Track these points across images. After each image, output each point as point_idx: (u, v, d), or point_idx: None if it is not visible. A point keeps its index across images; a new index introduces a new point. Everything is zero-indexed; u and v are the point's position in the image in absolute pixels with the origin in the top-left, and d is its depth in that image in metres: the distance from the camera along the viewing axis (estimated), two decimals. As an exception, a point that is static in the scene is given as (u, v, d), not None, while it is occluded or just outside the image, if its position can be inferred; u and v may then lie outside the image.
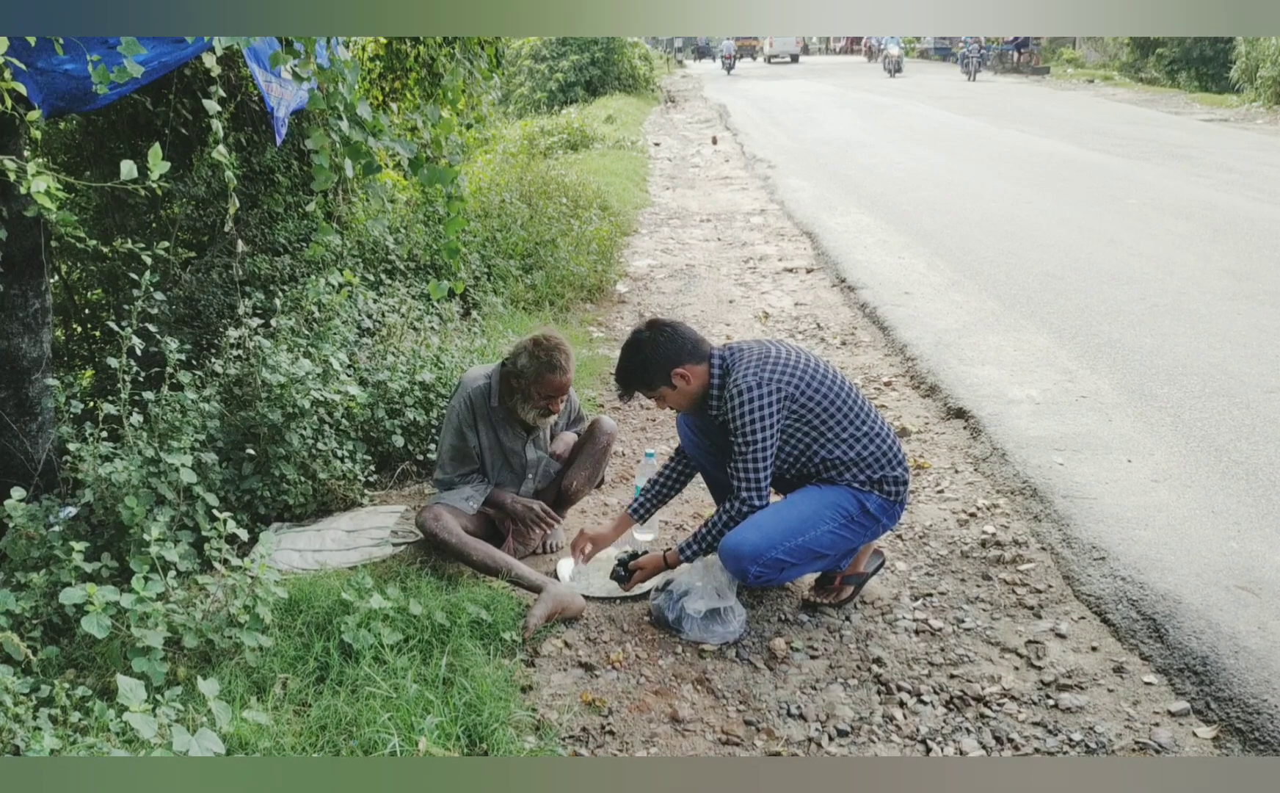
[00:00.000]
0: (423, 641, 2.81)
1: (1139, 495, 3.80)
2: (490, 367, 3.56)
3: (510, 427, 3.50)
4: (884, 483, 3.04)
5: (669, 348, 3.03)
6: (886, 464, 3.03)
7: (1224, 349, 5.32)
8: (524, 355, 3.33)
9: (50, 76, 3.64)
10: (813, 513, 2.98)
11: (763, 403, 2.89)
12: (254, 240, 5.97)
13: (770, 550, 2.93)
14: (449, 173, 3.63)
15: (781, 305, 7.00)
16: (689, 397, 3.08)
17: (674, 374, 3.03)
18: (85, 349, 6.69)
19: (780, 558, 2.95)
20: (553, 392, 3.34)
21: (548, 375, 3.29)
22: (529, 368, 3.31)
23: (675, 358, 3.03)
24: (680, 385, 3.05)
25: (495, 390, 3.44)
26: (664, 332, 3.07)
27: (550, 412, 3.41)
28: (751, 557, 2.93)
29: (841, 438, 3.00)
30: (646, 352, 3.05)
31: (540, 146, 13.58)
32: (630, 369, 3.11)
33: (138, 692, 2.10)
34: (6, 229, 3.70)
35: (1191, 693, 2.69)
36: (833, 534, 2.99)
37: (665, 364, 3.03)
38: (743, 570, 2.97)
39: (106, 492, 3.19)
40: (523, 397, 3.37)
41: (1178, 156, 12.35)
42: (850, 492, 3.02)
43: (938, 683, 2.79)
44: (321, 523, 3.77)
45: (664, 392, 3.08)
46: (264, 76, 4.79)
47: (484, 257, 6.94)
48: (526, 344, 3.35)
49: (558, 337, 3.38)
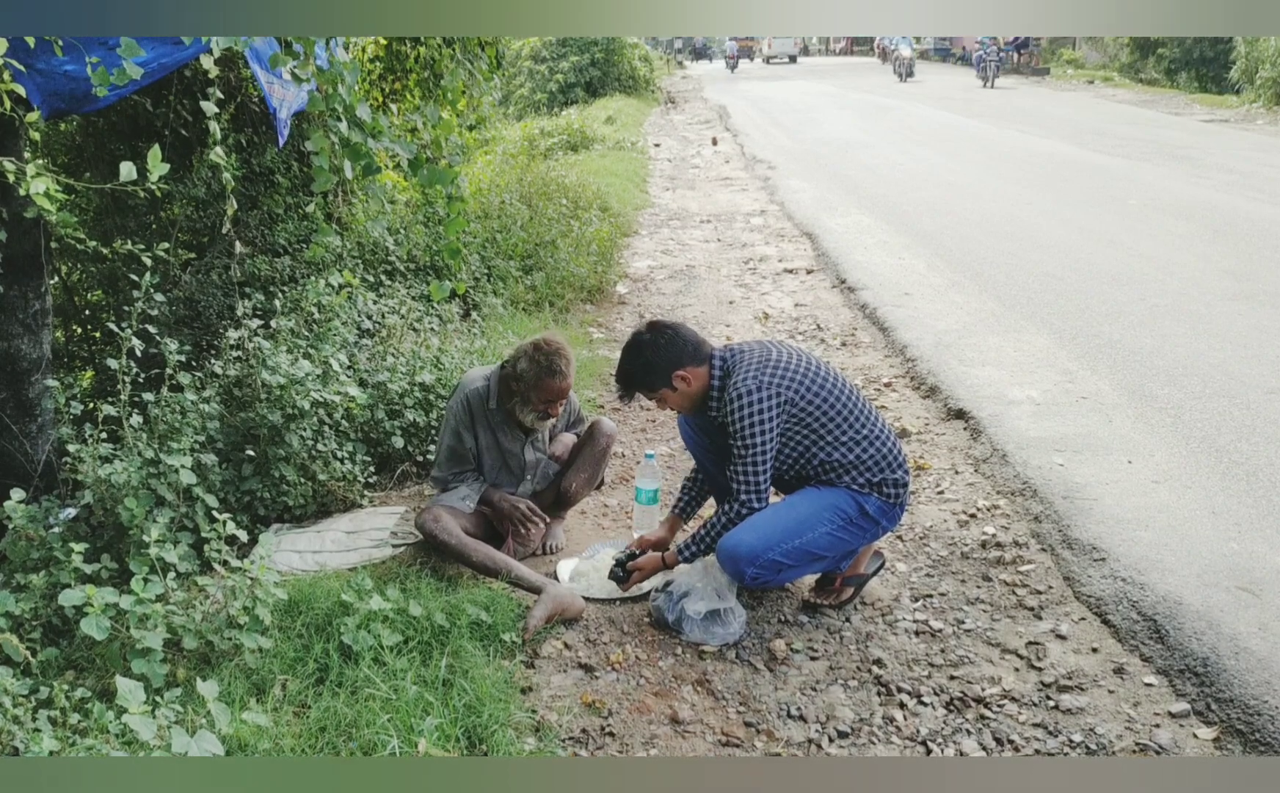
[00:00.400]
0: (422, 642, 2.80)
1: (1139, 496, 3.79)
2: (489, 368, 3.56)
3: (509, 428, 3.50)
4: (884, 485, 3.03)
5: (670, 350, 3.03)
6: (886, 467, 3.03)
7: (1224, 350, 5.32)
8: (524, 359, 3.33)
9: (50, 78, 3.64)
10: (811, 515, 2.97)
11: (762, 406, 2.89)
12: (254, 241, 5.97)
13: (767, 552, 2.93)
14: (449, 174, 3.62)
15: (781, 306, 7.00)
16: (690, 398, 3.08)
17: (675, 376, 3.03)
18: (85, 350, 6.69)
19: (777, 560, 2.95)
20: (552, 397, 3.34)
21: (547, 380, 3.30)
22: (529, 372, 3.31)
23: (676, 360, 3.03)
24: (681, 387, 3.05)
25: (494, 392, 3.45)
26: (665, 334, 3.06)
27: (549, 416, 3.42)
28: (748, 558, 2.93)
29: (841, 441, 2.99)
30: (647, 354, 3.05)
31: (540, 148, 13.58)
32: (631, 371, 3.10)
33: (137, 694, 2.09)
34: (6, 230, 3.71)
35: (1192, 694, 2.69)
36: (831, 537, 2.99)
37: (666, 367, 3.03)
38: (739, 572, 2.97)
39: (106, 493, 3.19)
40: (522, 400, 3.37)
41: (1178, 157, 12.35)
42: (849, 494, 3.01)
43: (938, 684, 2.79)
44: (321, 524, 3.77)
45: (665, 393, 3.08)
46: (266, 78, 4.79)
47: (484, 258, 6.93)
48: (527, 348, 3.35)
49: (558, 341, 3.38)
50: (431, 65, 6.62)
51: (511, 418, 3.47)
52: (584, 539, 3.73)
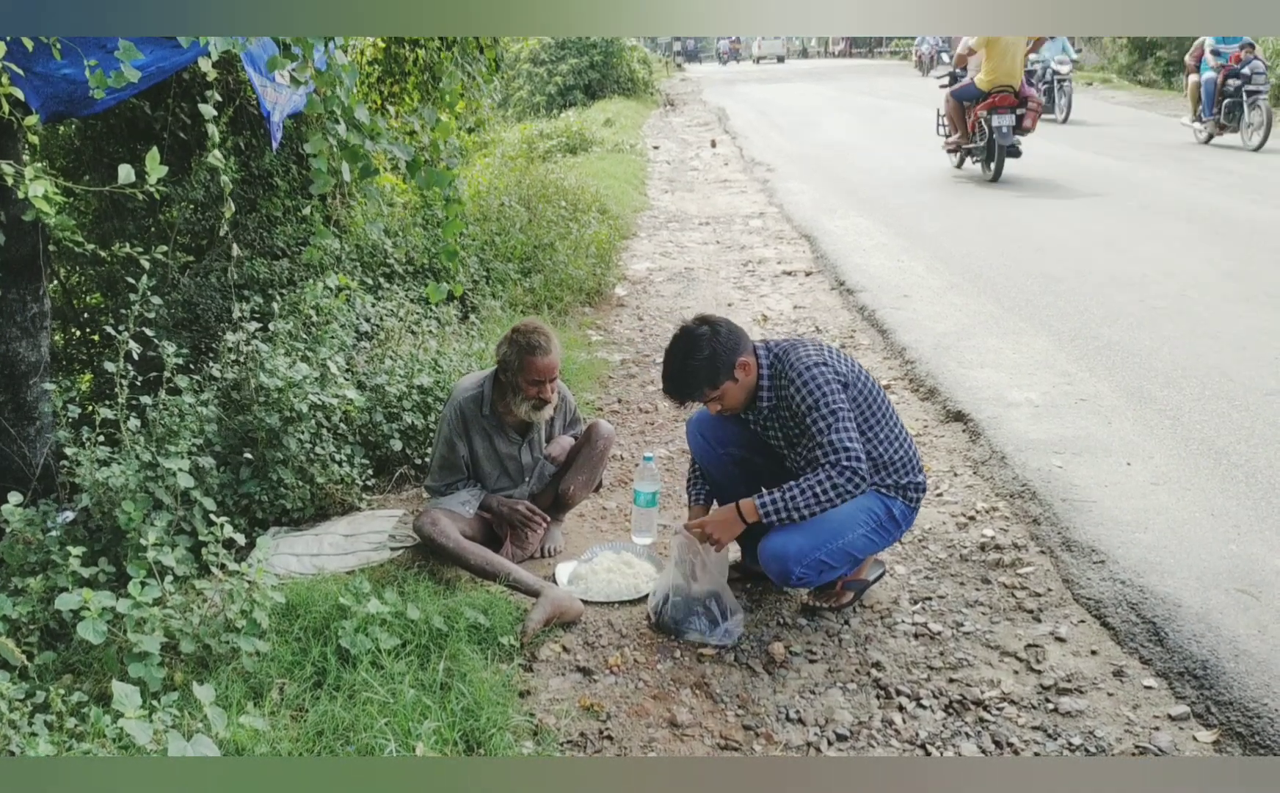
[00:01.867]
0: (420, 645, 2.80)
1: (1138, 498, 3.79)
2: (481, 374, 3.56)
3: (504, 432, 3.51)
4: (908, 490, 3.06)
5: (731, 338, 2.97)
6: (911, 470, 3.06)
7: (1223, 352, 5.31)
8: (504, 345, 3.37)
9: (48, 81, 3.64)
10: (849, 516, 2.98)
11: (828, 376, 2.90)
12: (252, 244, 5.97)
13: (815, 552, 2.93)
14: (446, 176, 3.62)
15: (780, 308, 6.99)
16: (747, 390, 3.01)
17: (738, 365, 2.96)
18: (83, 353, 6.68)
19: (823, 560, 2.95)
20: (538, 376, 3.32)
21: (529, 359, 3.30)
22: (511, 356, 3.33)
23: (737, 347, 2.97)
24: (741, 377, 2.98)
25: (488, 397, 3.45)
26: (720, 324, 3.00)
27: (543, 400, 3.39)
28: (796, 558, 2.92)
29: (879, 437, 3.02)
30: (711, 346, 2.94)
31: (539, 150, 13.58)
32: (695, 369, 2.95)
33: (133, 698, 2.09)
34: (5, 234, 3.70)
35: (1192, 697, 2.68)
36: (866, 538, 3.02)
37: (730, 355, 2.95)
38: (786, 571, 2.94)
39: (104, 496, 3.18)
40: (514, 392, 3.39)
41: (1177, 159, 12.35)
42: (879, 497, 3.04)
43: (937, 687, 2.78)
44: (319, 527, 3.77)
45: (726, 388, 2.98)
46: (260, 81, 4.79)
47: (483, 260, 6.93)
48: (507, 336, 3.38)
49: (534, 321, 3.40)
50: (430, 68, 6.62)
51: (508, 418, 3.47)
52: (582, 542, 3.72)
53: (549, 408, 3.46)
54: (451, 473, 3.52)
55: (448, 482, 3.52)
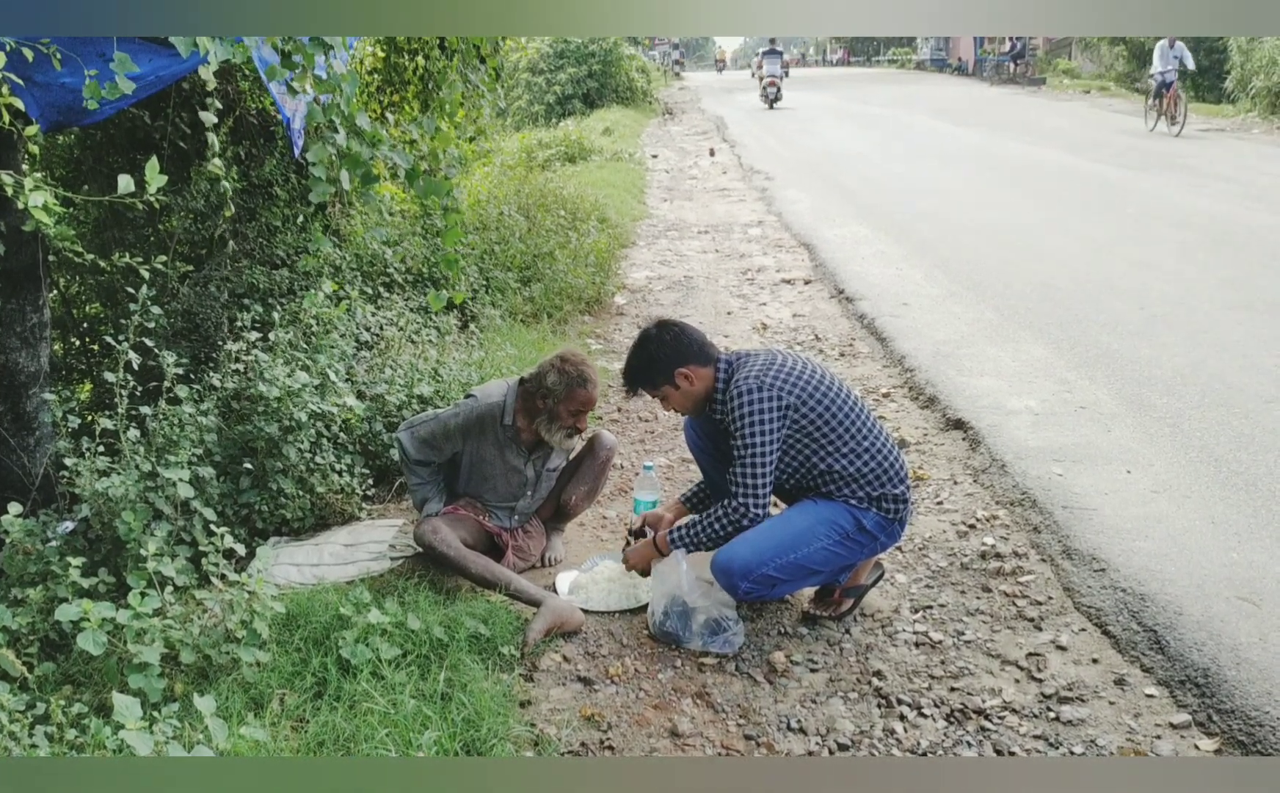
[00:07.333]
0: (421, 655, 2.79)
1: (1139, 506, 3.79)
2: (504, 383, 3.54)
3: (515, 445, 3.50)
4: (883, 500, 3.01)
5: (674, 347, 3.06)
6: (887, 481, 3.01)
7: (1223, 359, 5.32)
8: (551, 374, 3.33)
9: (48, 91, 3.65)
10: (806, 529, 2.96)
11: (763, 406, 2.88)
12: (252, 253, 5.96)
13: (761, 567, 2.92)
14: (444, 185, 3.63)
15: (780, 317, 7.00)
16: (692, 398, 3.09)
17: (678, 374, 3.04)
18: (83, 363, 6.68)
19: (771, 574, 2.94)
20: (581, 407, 3.35)
21: (578, 391, 3.31)
22: (558, 385, 3.31)
23: (680, 357, 3.04)
24: (683, 386, 3.06)
25: (510, 409, 3.44)
26: (671, 330, 3.10)
27: (578, 429, 3.41)
28: (742, 572, 2.92)
29: (843, 451, 2.98)
30: (652, 349, 3.08)
31: (538, 159, 13.60)
32: (636, 366, 3.13)
33: (134, 709, 2.08)
34: (4, 244, 3.70)
35: (1193, 705, 2.68)
36: (826, 551, 2.97)
37: (670, 363, 3.05)
38: (733, 586, 2.96)
39: (104, 506, 3.18)
40: (549, 417, 3.37)
41: (1175, 166, 12.38)
42: (847, 508, 2.99)
43: (938, 696, 2.78)
44: (319, 537, 3.76)
45: (667, 391, 3.09)
46: (279, 89, 4.79)
47: (482, 269, 6.94)
48: (552, 362, 3.36)
49: (580, 352, 3.43)
50: (431, 77, 6.64)
51: (520, 436, 3.46)
52: (583, 552, 3.72)
53: (579, 438, 3.47)
54: (431, 453, 3.47)
55: (419, 459, 3.47)
